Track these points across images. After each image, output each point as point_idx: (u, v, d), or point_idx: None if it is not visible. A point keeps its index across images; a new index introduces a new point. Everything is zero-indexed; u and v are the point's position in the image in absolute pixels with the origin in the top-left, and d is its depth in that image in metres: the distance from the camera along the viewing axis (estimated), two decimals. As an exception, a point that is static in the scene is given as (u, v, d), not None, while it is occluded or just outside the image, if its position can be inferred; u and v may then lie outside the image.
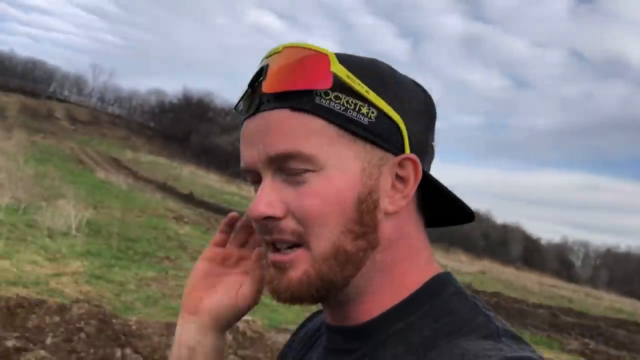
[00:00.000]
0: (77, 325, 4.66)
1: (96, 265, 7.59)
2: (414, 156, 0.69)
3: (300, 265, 0.67)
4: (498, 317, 0.67)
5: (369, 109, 0.67)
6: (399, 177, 0.69)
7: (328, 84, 0.65)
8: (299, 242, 0.67)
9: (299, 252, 0.67)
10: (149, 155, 40.49)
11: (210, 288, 0.83)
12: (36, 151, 23.97)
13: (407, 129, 0.69)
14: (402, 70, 0.73)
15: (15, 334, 4.33)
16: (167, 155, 43.85)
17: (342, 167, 0.66)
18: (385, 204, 0.68)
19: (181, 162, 40.47)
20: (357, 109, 0.66)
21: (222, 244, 0.85)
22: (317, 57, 0.67)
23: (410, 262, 0.72)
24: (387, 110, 0.67)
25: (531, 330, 11.17)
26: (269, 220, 0.67)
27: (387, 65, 0.72)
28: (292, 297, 0.68)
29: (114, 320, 4.95)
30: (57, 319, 4.69)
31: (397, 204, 0.69)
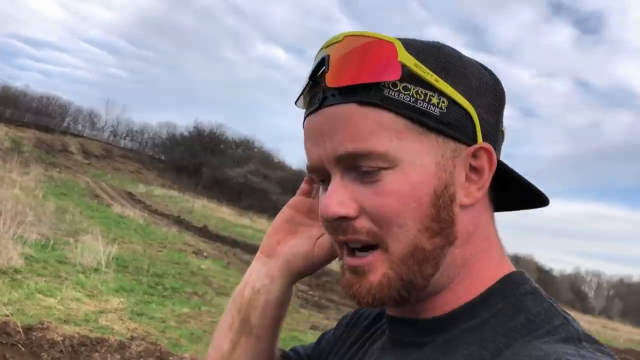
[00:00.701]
0: (138, 362, 4.78)
1: (133, 301, 7.71)
2: (487, 145, 0.66)
3: (379, 268, 0.65)
4: (576, 320, 0.63)
5: (440, 99, 0.63)
6: (473, 168, 0.66)
7: (397, 74, 0.62)
8: (374, 243, 0.65)
9: (376, 255, 0.65)
10: (161, 188, 40.75)
11: (290, 234, 0.82)
12: (53, 185, 24.22)
13: (478, 116, 0.66)
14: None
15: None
16: (179, 188, 44.10)
17: (416, 162, 0.63)
18: (461, 197, 0.66)
19: (193, 195, 40.66)
20: (427, 100, 0.63)
21: (308, 194, 0.85)
22: (382, 46, 0.63)
23: (488, 255, 0.69)
24: (457, 98, 0.64)
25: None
26: (342, 220, 0.65)
27: (452, 49, 0.68)
28: (374, 300, 0.66)
29: (170, 358, 5.05)
30: (117, 356, 4.83)
31: (473, 195, 0.66)
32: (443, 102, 0.64)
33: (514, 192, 0.72)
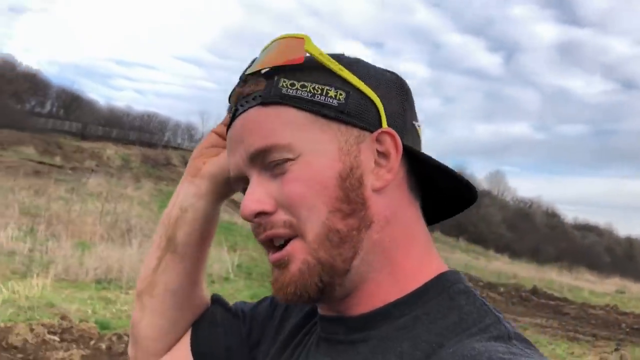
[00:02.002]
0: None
1: None
2: (390, 130, 0.68)
3: (298, 256, 0.66)
4: (507, 320, 0.64)
5: (337, 92, 0.67)
6: (381, 154, 0.68)
7: (300, 59, 0.67)
8: (293, 234, 0.66)
9: (295, 243, 0.66)
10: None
11: (215, 156, 0.84)
12: (164, 198, 25.48)
13: (382, 104, 0.69)
14: (498, 84, 0.70)
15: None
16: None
17: (319, 150, 0.66)
18: (372, 180, 0.68)
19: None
20: (324, 93, 0.67)
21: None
22: (292, 39, 0.69)
23: (409, 245, 0.70)
24: (360, 86, 0.68)
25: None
26: (261, 217, 0.67)
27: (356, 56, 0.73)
28: (296, 289, 0.66)
29: None
30: None
31: (384, 178, 0.68)
32: (340, 93, 0.67)
33: (442, 185, 0.73)
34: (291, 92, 0.67)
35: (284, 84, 0.67)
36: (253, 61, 0.72)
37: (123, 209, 14.85)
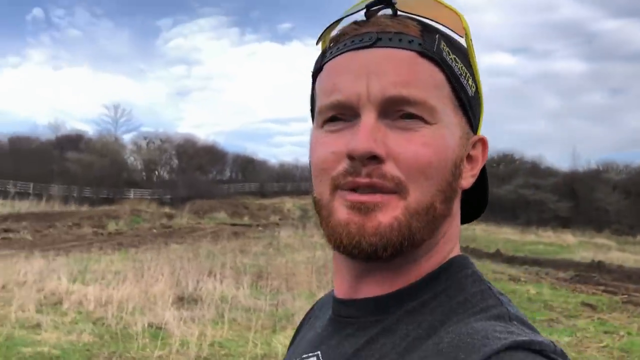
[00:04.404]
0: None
1: None
2: (485, 138, 0.69)
3: (390, 211, 0.61)
4: (511, 303, 0.64)
5: (472, 82, 0.67)
6: (469, 156, 0.68)
7: (462, 33, 0.65)
8: (395, 191, 0.62)
9: (392, 197, 0.61)
10: (437, 222, 41.26)
11: None
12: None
13: (482, 110, 0.69)
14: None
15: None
16: (454, 218, 44.10)
17: (450, 128, 0.65)
18: (463, 178, 0.68)
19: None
20: (466, 78, 0.66)
21: None
22: (452, 11, 0.66)
23: (453, 240, 0.70)
24: (480, 87, 0.68)
25: None
26: (371, 160, 0.61)
27: None
28: (380, 241, 0.61)
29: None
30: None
31: (469, 180, 0.68)
32: (472, 85, 0.67)
33: (474, 199, 0.73)
34: (449, 60, 0.65)
35: (445, 48, 0.65)
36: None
37: (318, 256, 15.56)
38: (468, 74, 0.67)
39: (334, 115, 0.65)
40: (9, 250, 16.18)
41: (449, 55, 0.65)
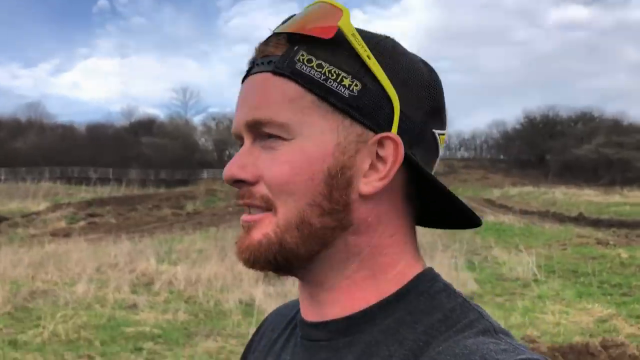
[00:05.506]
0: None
1: (593, 302, 7.68)
2: (394, 135, 0.63)
3: (263, 227, 0.65)
4: (488, 314, 0.64)
5: (353, 81, 0.62)
6: (380, 157, 0.64)
7: (330, 34, 0.62)
8: (267, 209, 0.65)
9: (265, 215, 0.65)
10: (514, 187, 40.31)
11: None
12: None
13: (401, 107, 0.63)
14: None
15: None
16: (531, 182, 42.92)
17: (315, 138, 0.63)
18: (360, 184, 0.64)
19: (547, 185, 39.04)
20: (338, 80, 0.62)
21: None
22: (331, 8, 0.64)
23: (393, 254, 0.67)
24: (382, 80, 0.63)
25: None
26: (242, 184, 0.65)
27: (399, 44, 0.68)
28: (250, 257, 0.65)
29: None
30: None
31: (373, 184, 0.64)
32: (356, 84, 0.63)
33: (442, 209, 0.70)
34: (305, 69, 0.63)
35: (301, 58, 0.63)
36: (292, 17, 0.68)
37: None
38: (342, 75, 0.63)
39: (241, 144, 0.69)
40: (96, 234, 17.01)
41: (309, 64, 0.63)
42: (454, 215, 0.71)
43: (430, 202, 0.69)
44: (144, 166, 46.04)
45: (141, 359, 5.63)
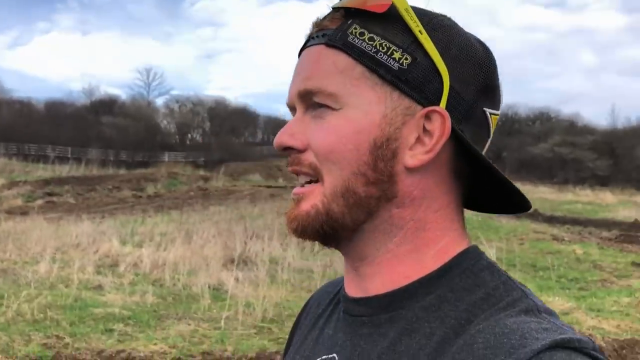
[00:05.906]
0: None
1: (565, 299, 7.90)
2: (442, 109, 0.63)
3: (311, 198, 0.66)
4: (533, 293, 0.63)
5: (403, 55, 0.63)
6: (427, 131, 0.64)
7: (382, 8, 0.63)
8: (315, 176, 0.67)
9: (314, 187, 0.67)
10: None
11: None
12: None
13: (451, 82, 0.64)
14: None
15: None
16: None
17: (363, 108, 0.64)
18: (406, 156, 0.65)
19: (504, 181, 39.75)
20: (388, 53, 0.64)
21: None
22: None
23: (436, 230, 0.67)
24: (433, 55, 0.63)
25: None
26: (291, 151, 0.67)
27: (455, 23, 0.68)
28: (297, 227, 0.67)
29: None
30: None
31: (419, 157, 0.64)
32: (407, 58, 0.63)
33: (489, 190, 0.69)
34: (356, 41, 0.65)
35: (354, 31, 0.65)
36: None
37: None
38: (393, 48, 0.64)
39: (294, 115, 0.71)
40: (55, 213, 16.65)
41: (361, 37, 0.65)
42: (502, 197, 0.70)
43: (478, 181, 0.69)
44: (104, 146, 45.03)
45: (113, 340, 5.61)
